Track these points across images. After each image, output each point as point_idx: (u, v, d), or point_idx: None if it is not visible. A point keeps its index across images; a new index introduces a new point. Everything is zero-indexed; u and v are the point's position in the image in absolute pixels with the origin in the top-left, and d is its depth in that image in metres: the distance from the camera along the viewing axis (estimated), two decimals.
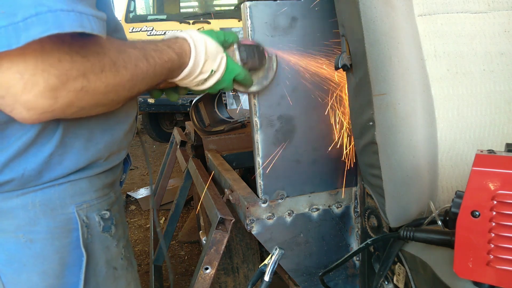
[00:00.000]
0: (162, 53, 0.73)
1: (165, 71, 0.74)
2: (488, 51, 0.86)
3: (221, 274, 1.78)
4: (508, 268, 0.57)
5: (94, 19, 0.52)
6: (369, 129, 0.85)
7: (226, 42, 0.89)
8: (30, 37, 0.46)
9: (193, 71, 0.81)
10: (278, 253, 0.94)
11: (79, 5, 0.50)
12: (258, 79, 1.00)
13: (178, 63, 0.77)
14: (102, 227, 0.74)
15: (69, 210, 0.69)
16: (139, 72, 0.65)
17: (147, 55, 0.68)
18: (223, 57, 0.86)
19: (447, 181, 0.85)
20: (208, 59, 0.83)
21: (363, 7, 0.79)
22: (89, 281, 0.72)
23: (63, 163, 0.68)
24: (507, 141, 0.70)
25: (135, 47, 0.67)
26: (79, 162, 0.70)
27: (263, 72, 1.00)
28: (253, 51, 0.94)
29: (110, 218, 0.77)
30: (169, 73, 0.76)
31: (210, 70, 0.84)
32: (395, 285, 0.90)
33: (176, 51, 0.76)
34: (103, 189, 0.76)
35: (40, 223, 0.66)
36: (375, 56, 0.80)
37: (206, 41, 0.82)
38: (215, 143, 1.75)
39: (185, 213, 3.53)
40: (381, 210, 0.90)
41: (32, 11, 0.47)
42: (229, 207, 1.19)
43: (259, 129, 1.07)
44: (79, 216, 0.70)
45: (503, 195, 0.56)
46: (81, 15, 0.50)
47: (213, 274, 1.03)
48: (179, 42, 0.79)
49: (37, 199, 0.66)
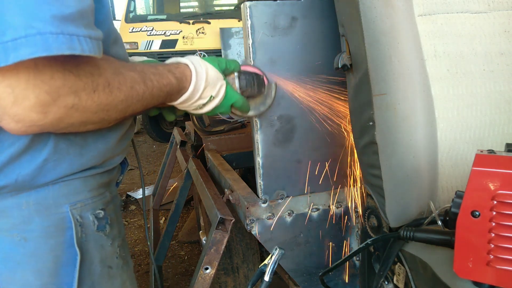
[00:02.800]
0: (162, 77, 0.75)
1: (163, 94, 0.76)
2: (488, 51, 0.86)
3: (221, 274, 1.77)
4: (508, 268, 0.57)
5: (86, 39, 0.53)
6: (369, 129, 0.85)
7: (227, 70, 0.92)
8: (18, 58, 0.47)
9: (193, 96, 0.84)
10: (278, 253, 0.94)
11: (70, 27, 0.51)
12: (256, 105, 1.02)
13: (178, 87, 0.79)
14: (96, 226, 0.75)
15: (62, 209, 0.69)
16: (134, 94, 0.67)
17: (145, 78, 0.70)
18: (222, 84, 0.89)
19: (447, 181, 0.85)
20: (208, 85, 0.85)
21: (363, 7, 0.79)
22: (84, 280, 0.73)
23: (57, 168, 0.68)
24: (507, 141, 0.70)
25: (134, 70, 0.69)
26: (73, 167, 0.71)
27: (261, 99, 1.02)
28: (253, 80, 0.97)
29: (105, 218, 0.77)
30: (167, 97, 0.78)
31: (209, 96, 0.86)
32: (395, 285, 0.90)
33: (177, 76, 0.78)
34: (98, 189, 0.77)
35: (34, 222, 0.67)
36: (375, 56, 0.80)
37: (207, 68, 0.85)
38: (215, 143, 1.75)
39: (185, 213, 3.53)
40: (381, 210, 0.90)
41: (22, 32, 0.47)
42: (229, 207, 1.19)
43: (259, 129, 1.07)
44: (72, 216, 0.70)
45: (503, 195, 0.56)
46: (71, 37, 0.51)
47: (213, 274, 1.03)
48: (180, 67, 0.82)
49: (31, 199, 0.67)
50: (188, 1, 6.68)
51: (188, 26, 5.15)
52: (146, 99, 0.70)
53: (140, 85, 0.68)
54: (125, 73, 0.66)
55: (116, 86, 0.62)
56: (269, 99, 1.02)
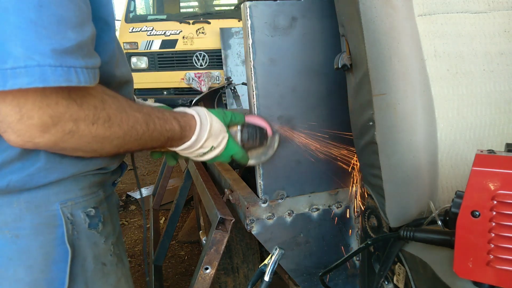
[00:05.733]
0: (166, 122, 0.78)
1: (163, 139, 0.79)
2: (488, 51, 0.86)
3: (221, 274, 1.77)
4: (508, 268, 0.57)
5: (83, 70, 0.56)
6: (369, 129, 0.85)
7: (232, 122, 0.96)
8: (16, 85, 0.51)
9: (194, 145, 0.87)
10: (278, 253, 0.94)
11: (69, 59, 0.54)
12: (258, 154, 1.04)
13: (180, 135, 0.83)
14: (88, 224, 0.76)
15: (53, 207, 0.71)
16: (134, 133, 0.70)
17: (149, 120, 0.73)
18: (224, 137, 0.92)
19: (447, 181, 0.85)
20: (211, 136, 0.89)
21: (363, 7, 0.79)
22: (77, 276, 0.74)
23: (49, 176, 0.70)
24: (507, 141, 0.70)
25: (140, 111, 0.72)
26: (65, 174, 0.72)
27: (263, 149, 1.04)
28: (255, 133, 0.99)
29: (97, 216, 0.78)
30: (167, 142, 0.81)
31: (210, 146, 0.90)
32: (395, 285, 0.90)
33: (181, 124, 0.82)
34: (90, 188, 0.78)
35: (25, 220, 0.68)
36: (375, 56, 0.80)
37: (212, 121, 0.89)
38: None
39: (185, 213, 3.53)
40: (381, 210, 0.90)
41: (21, 63, 0.51)
42: (229, 207, 1.19)
43: None
44: (63, 213, 0.71)
45: (503, 195, 0.56)
46: (69, 69, 0.54)
47: (213, 274, 1.03)
48: (187, 116, 0.85)
49: (21, 197, 0.68)
50: (188, 1, 6.67)
51: (188, 26, 5.15)
52: (144, 140, 0.74)
53: (142, 126, 0.72)
54: (130, 113, 0.69)
55: (117, 123, 0.66)
56: (271, 150, 1.05)
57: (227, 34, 4.50)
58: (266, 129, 1.02)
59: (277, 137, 1.05)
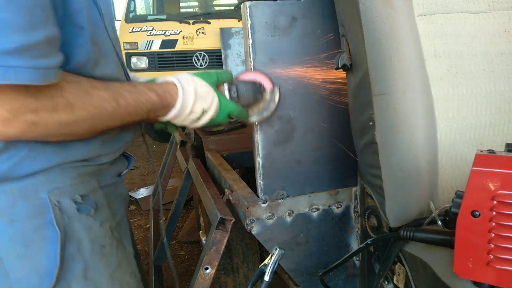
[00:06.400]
0: (140, 94, 0.81)
1: (143, 111, 0.82)
2: (488, 51, 0.86)
3: (221, 274, 1.78)
4: (508, 268, 0.57)
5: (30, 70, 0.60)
6: (369, 129, 0.85)
7: (219, 82, 0.96)
8: None
9: (182, 112, 0.89)
10: (278, 253, 0.94)
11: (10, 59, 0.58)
12: (259, 110, 1.03)
13: (160, 104, 0.85)
14: (77, 209, 0.80)
15: (41, 195, 0.76)
16: (103, 112, 0.73)
17: (118, 96, 0.76)
18: (214, 97, 0.92)
19: (447, 181, 0.85)
20: (198, 100, 0.90)
21: (363, 7, 0.79)
22: (75, 257, 0.79)
23: (33, 164, 0.75)
24: (507, 141, 0.70)
25: (107, 90, 0.75)
26: (49, 163, 0.77)
27: (264, 104, 1.02)
28: (247, 89, 0.98)
29: (89, 202, 0.83)
30: (149, 113, 0.84)
31: (201, 110, 0.91)
32: (395, 285, 0.90)
33: (159, 93, 0.84)
34: (79, 177, 0.82)
35: (18, 206, 0.74)
36: (375, 56, 0.80)
37: (196, 83, 0.90)
38: (215, 143, 1.75)
39: (185, 213, 3.53)
40: (381, 210, 0.90)
41: None
42: (229, 207, 1.19)
43: (259, 129, 1.07)
44: (50, 201, 0.76)
45: (503, 195, 0.56)
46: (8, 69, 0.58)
47: (213, 274, 1.03)
48: (164, 85, 0.87)
49: (13, 186, 0.74)
50: (188, 1, 6.67)
51: (188, 26, 5.14)
52: (120, 116, 0.77)
53: (111, 103, 0.75)
54: (94, 93, 0.72)
55: (79, 106, 0.70)
56: (272, 104, 1.03)
57: (227, 34, 4.50)
58: (261, 83, 1.00)
59: (277, 89, 1.02)
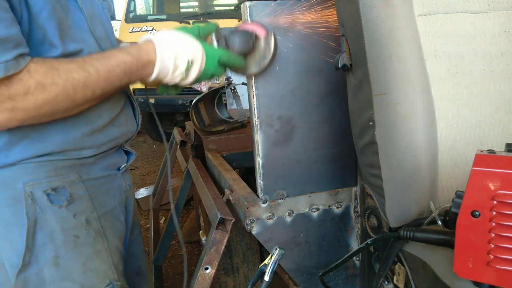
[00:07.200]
0: (109, 58, 0.81)
1: (119, 74, 0.82)
2: (488, 51, 0.86)
3: (221, 274, 1.78)
4: (508, 268, 0.57)
5: None
6: (369, 129, 0.85)
7: (203, 34, 0.95)
8: None
9: (166, 67, 0.88)
10: (278, 253, 0.94)
11: None
12: (256, 60, 0.99)
13: (137, 63, 0.85)
14: (50, 201, 0.85)
15: (18, 185, 0.82)
16: (75, 83, 0.75)
17: (85, 65, 0.77)
18: (197, 46, 0.91)
19: (447, 181, 0.85)
20: (180, 51, 0.88)
21: (363, 7, 0.79)
22: (45, 244, 0.85)
23: (10, 155, 0.81)
24: (507, 141, 0.70)
25: (71, 62, 0.77)
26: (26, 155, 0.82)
27: (259, 53, 0.99)
28: (236, 36, 0.95)
29: (64, 194, 0.87)
30: (128, 74, 0.84)
31: (186, 61, 0.89)
32: (395, 285, 0.90)
33: (131, 53, 0.84)
34: (55, 170, 0.86)
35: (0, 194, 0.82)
36: (375, 56, 0.80)
37: (173, 37, 0.89)
38: (215, 143, 1.75)
39: (185, 213, 3.53)
40: (381, 210, 0.90)
41: None
42: (229, 207, 1.19)
43: (259, 129, 1.07)
44: (24, 191, 0.82)
45: (503, 195, 0.56)
46: None
47: (213, 274, 1.03)
48: (140, 45, 0.87)
49: None
50: (188, 1, 6.67)
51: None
52: (94, 83, 0.78)
53: (79, 73, 0.76)
54: (60, 67, 0.74)
55: (49, 82, 0.72)
56: (268, 52, 0.98)
57: None
58: (253, 31, 0.97)
59: (271, 35, 0.98)
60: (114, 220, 1.00)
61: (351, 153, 1.12)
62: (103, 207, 0.96)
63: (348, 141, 1.10)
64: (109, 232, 0.97)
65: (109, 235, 0.97)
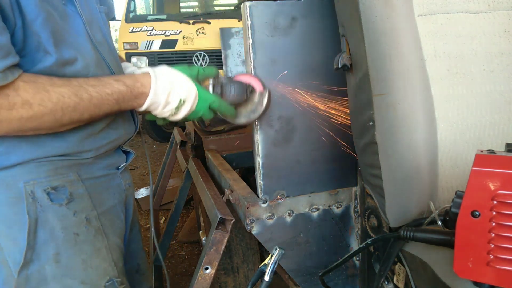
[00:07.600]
0: (105, 86, 0.84)
1: (111, 102, 0.85)
2: (488, 51, 0.86)
3: (221, 274, 1.78)
4: (508, 268, 0.57)
5: None
6: (369, 129, 0.85)
7: (201, 76, 0.99)
8: None
9: (157, 100, 0.91)
10: (278, 253, 0.94)
11: None
12: (247, 112, 1.03)
13: (130, 94, 0.87)
14: (50, 199, 0.86)
15: (19, 185, 0.83)
16: (64, 106, 0.77)
17: (79, 91, 0.79)
18: (191, 87, 0.94)
19: (447, 181, 0.85)
20: (174, 89, 0.92)
21: (363, 7, 0.79)
22: (48, 242, 0.87)
23: (9, 159, 0.82)
24: (507, 141, 0.70)
25: (68, 85, 0.78)
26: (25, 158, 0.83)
27: (252, 106, 1.02)
28: (232, 86, 0.98)
29: (64, 193, 0.88)
30: (119, 103, 0.87)
31: (178, 99, 0.92)
32: (395, 285, 0.90)
33: (127, 84, 0.87)
34: (55, 170, 0.87)
35: (2, 193, 0.83)
36: (375, 56, 0.80)
37: (171, 74, 0.92)
38: (215, 143, 1.75)
39: (185, 213, 3.52)
40: (381, 210, 0.90)
41: None
42: (229, 207, 1.19)
43: (259, 129, 1.07)
44: (25, 190, 0.84)
45: (503, 195, 0.56)
46: None
47: (213, 274, 1.03)
48: (137, 76, 0.90)
49: None
50: (188, 1, 6.67)
51: (188, 26, 5.15)
52: (85, 108, 0.81)
53: (72, 98, 0.78)
54: (52, 90, 0.76)
55: (37, 103, 0.74)
56: (260, 107, 1.02)
57: (227, 34, 4.50)
58: (250, 84, 1.00)
59: (266, 93, 1.02)
60: (114, 218, 1.02)
61: (351, 153, 1.12)
62: (102, 206, 0.97)
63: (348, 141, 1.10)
64: (109, 230, 0.98)
65: (109, 233, 0.98)
